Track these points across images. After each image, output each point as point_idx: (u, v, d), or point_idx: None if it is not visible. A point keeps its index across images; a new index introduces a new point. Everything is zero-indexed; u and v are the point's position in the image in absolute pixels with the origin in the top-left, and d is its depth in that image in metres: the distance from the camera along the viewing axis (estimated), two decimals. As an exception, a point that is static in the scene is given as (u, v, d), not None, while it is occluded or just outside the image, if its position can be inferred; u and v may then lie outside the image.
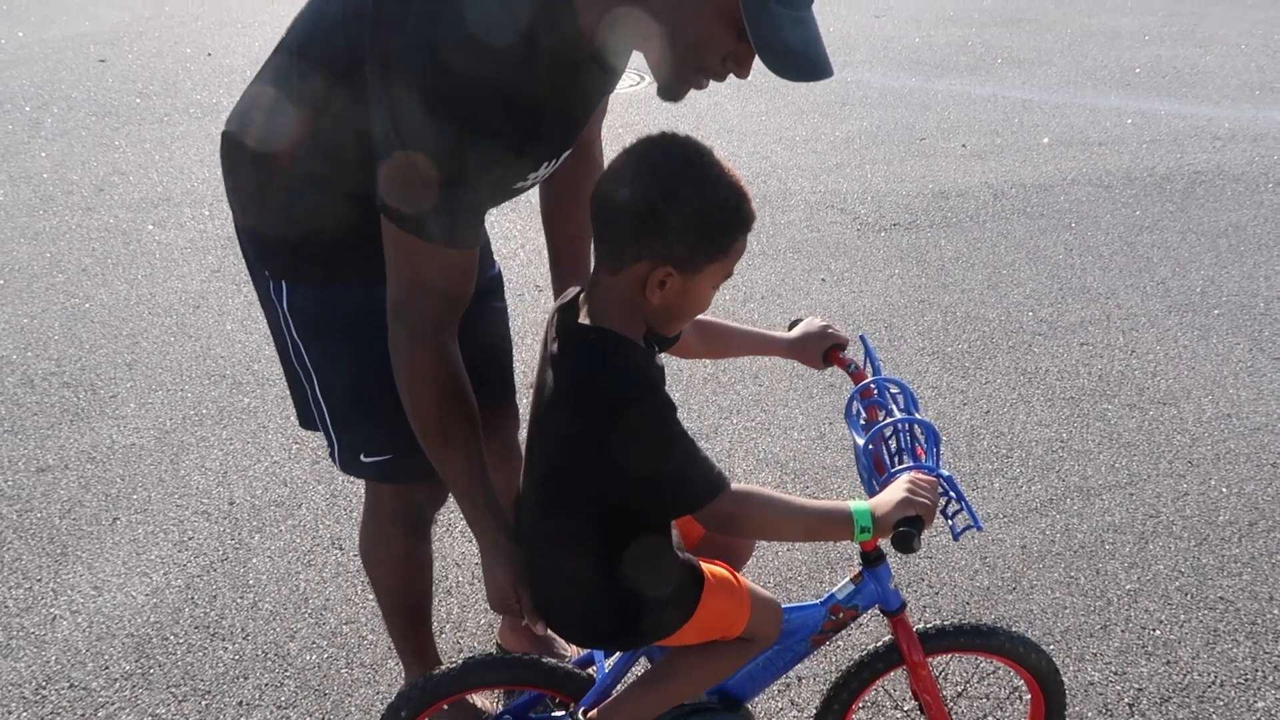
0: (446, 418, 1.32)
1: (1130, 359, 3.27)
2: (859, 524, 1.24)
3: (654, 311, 1.22)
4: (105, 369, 3.20)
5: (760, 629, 1.46)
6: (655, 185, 1.14)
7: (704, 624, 1.40)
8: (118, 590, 2.31)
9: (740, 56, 1.21)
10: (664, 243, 1.15)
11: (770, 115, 5.65)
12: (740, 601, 1.43)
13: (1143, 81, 6.31)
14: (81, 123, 5.50)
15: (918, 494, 1.26)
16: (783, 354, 1.63)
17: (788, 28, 1.15)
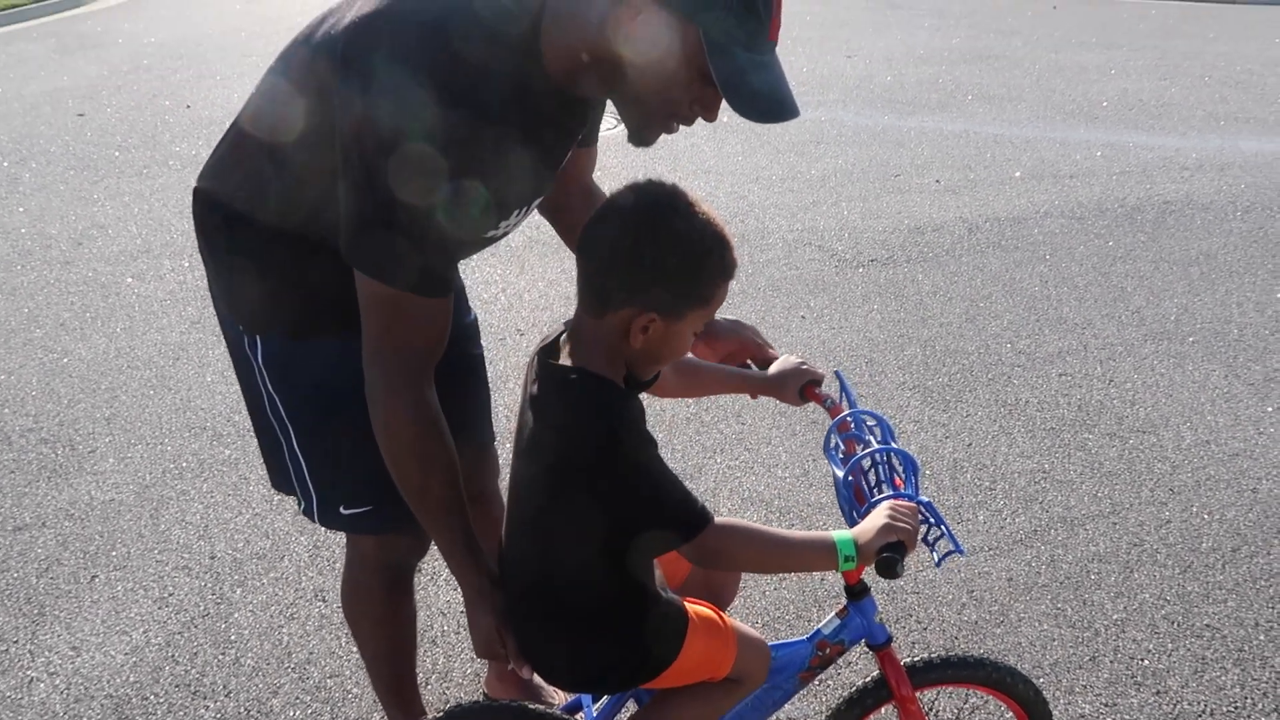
0: (426, 466, 1.32)
1: (1109, 388, 3.30)
2: (843, 553, 1.25)
3: (635, 355, 1.24)
4: (84, 424, 3.17)
5: (747, 669, 1.45)
6: (642, 233, 1.17)
7: (690, 665, 1.39)
8: (96, 650, 2.27)
9: (707, 101, 1.23)
10: (648, 291, 1.17)
11: (746, 155, 5.72)
12: (726, 642, 1.42)
13: (1110, 114, 6.43)
14: (60, 177, 5.50)
15: (898, 520, 1.27)
16: (759, 392, 1.64)
17: (752, 72, 1.17)
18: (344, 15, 1.25)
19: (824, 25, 9.32)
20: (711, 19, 1.14)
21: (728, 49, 1.15)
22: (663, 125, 1.27)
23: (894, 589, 2.40)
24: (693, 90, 1.21)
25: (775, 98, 1.19)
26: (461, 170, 1.19)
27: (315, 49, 1.27)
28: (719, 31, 1.14)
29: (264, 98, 1.35)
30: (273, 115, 1.32)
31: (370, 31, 1.20)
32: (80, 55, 8.53)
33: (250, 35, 9.16)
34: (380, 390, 1.28)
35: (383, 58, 1.18)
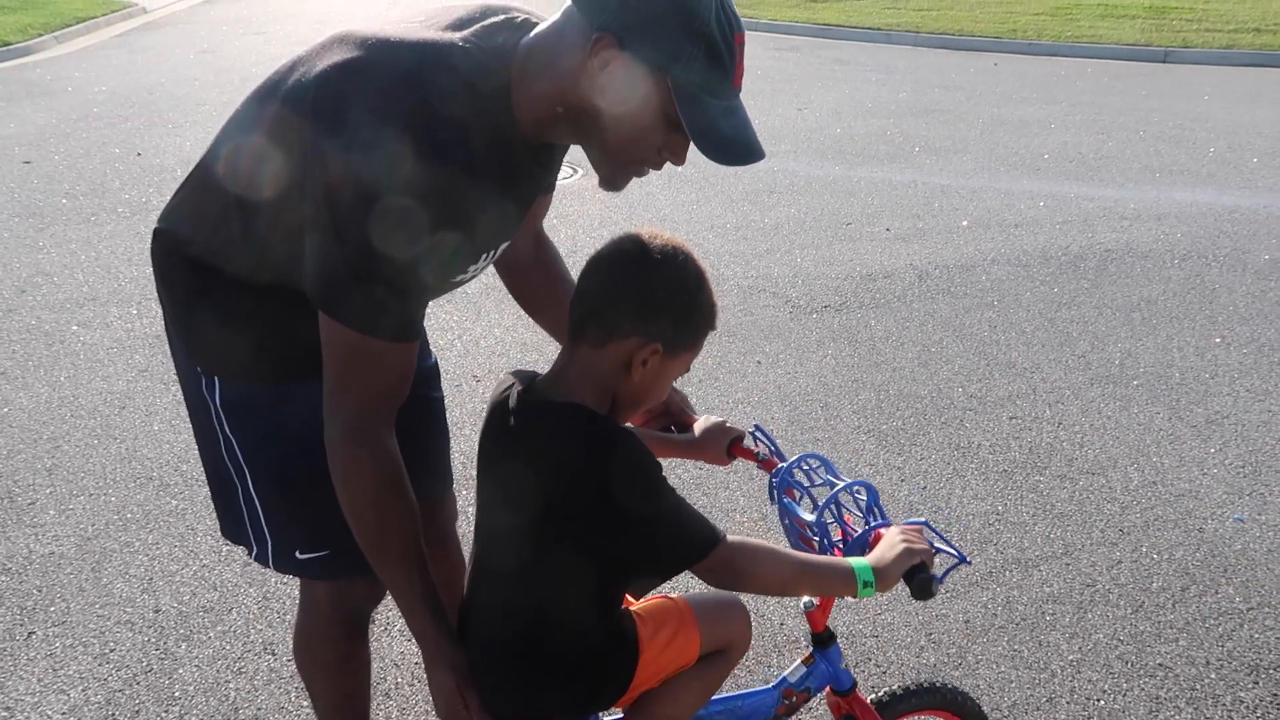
0: (385, 517, 1.29)
1: (1058, 431, 3.36)
2: (861, 578, 1.26)
3: (629, 390, 1.26)
4: (23, 475, 3.07)
5: (723, 637, 1.43)
6: (658, 268, 1.23)
7: (655, 667, 1.38)
8: (31, 710, 2.18)
9: (675, 146, 1.26)
10: (657, 321, 1.22)
11: (701, 204, 5.79)
12: (681, 624, 1.40)
13: (1051, 166, 6.64)
14: (4, 224, 5.39)
15: (914, 542, 1.29)
16: (683, 455, 1.67)
17: (720, 118, 1.21)
18: (314, 65, 1.25)
19: (774, 79, 9.54)
20: (680, 69, 1.17)
21: (696, 97, 1.19)
22: (633, 171, 1.31)
23: (853, 633, 2.40)
24: (661, 137, 1.24)
25: (742, 141, 1.23)
26: (437, 221, 1.19)
27: (285, 98, 1.26)
28: (687, 81, 1.18)
29: (230, 145, 1.34)
30: (239, 164, 1.31)
31: (343, 81, 1.20)
32: (28, 103, 8.42)
33: (204, 85, 9.12)
34: (341, 439, 1.26)
35: (357, 108, 1.18)
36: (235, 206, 1.31)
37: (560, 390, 1.26)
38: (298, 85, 1.25)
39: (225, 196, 1.32)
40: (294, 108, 1.24)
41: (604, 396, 1.27)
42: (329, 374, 1.26)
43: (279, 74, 1.32)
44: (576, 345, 1.26)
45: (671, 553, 1.21)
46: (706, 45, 1.17)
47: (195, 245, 1.37)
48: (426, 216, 1.18)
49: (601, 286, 1.25)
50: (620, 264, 1.25)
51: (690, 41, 1.16)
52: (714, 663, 1.44)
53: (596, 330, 1.24)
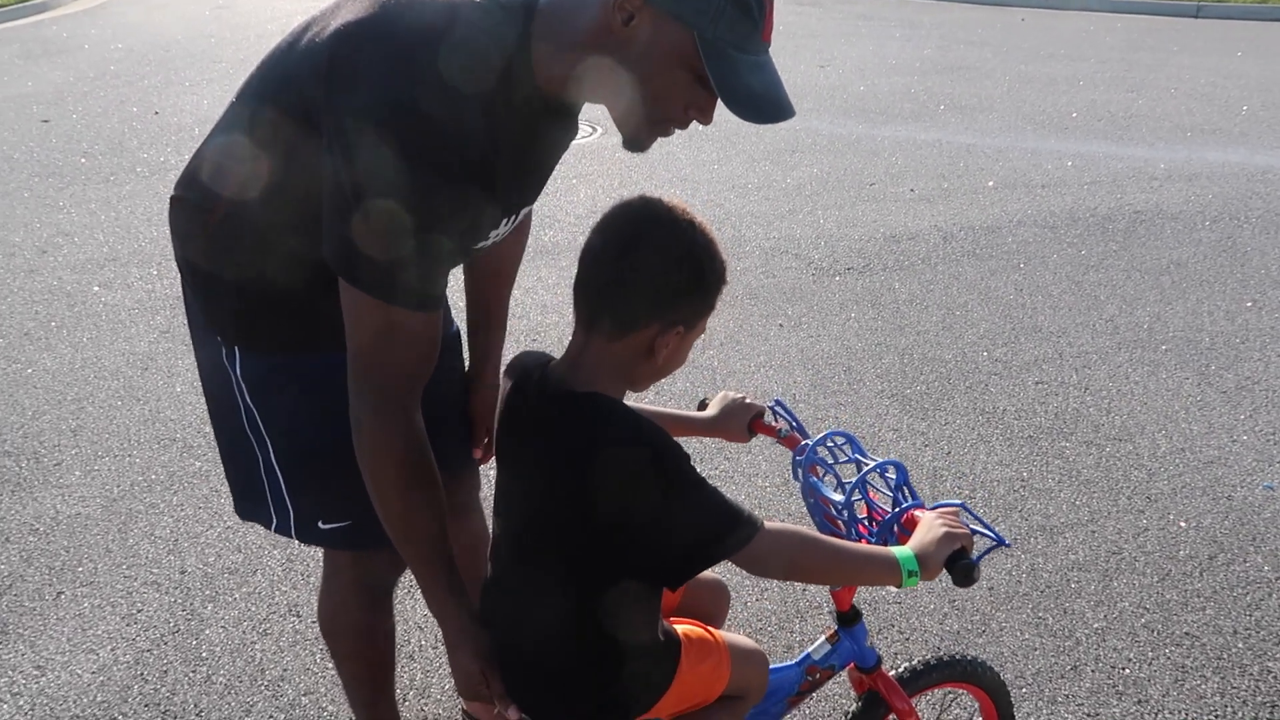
0: (410, 497, 1.27)
1: (1085, 396, 3.32)
2: (906, 568, 1.21)
3: (651, 370, 1.23)
4: (49, 436, 3.09)
5: (745, 685, 1.43)
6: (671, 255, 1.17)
7: (684, 691, 1.36)
8: (62, 669, 2.21)
9: (703, 104, 1.21)
10: (675, 308, 1.18)
11: (722, 164, 5.72)
12: (719, 661, 1.40)
13: (1080, 125, 6.51)
14: (24, 184, 5.39)
15: (954, 527, 1.25)
16: (703, 433, 1.63)
17: (748, 73, 1.16)
18: (328, 24, 1.21)
19: (796, 35, 9.37)
20: (706, 22, 1.12)
21: (723, 52, 1.14)
22: (658, 130, 1.25)
23: (875, 600, 2.40)
24: (688, 94, 1.19)
25: (771, 98, 1.18)
26: (458, 187, 1.16)
27: (299, 59, 1.22)
28: (714, 35, 1.13)
29: (246, 110, 1.31)
30: (255, 129, 1.28)
31: (357, 42, 1.16)
32: (45, 61, 8.39)
33: (219, 41, 9.06)
34: (366, 415, 1.24)
35: (372, 70, 1.14)
36: (250, 171, 1.28)
37: (580, 379, 1.21)
38: (311, 46, 1.22)
39: (241, 161, 1.29)
40: (309, 70, 1.20)
41: (623, 379, 1.24)
42: (353, 348, 1.23)
43: (293, 35, 1.28)
44: (590, 335, 1.21)
45: (708, 543, 1.16)
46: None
47: (213, 213, 1.34)
48: (447, 183, 1.15)
49: (610, 281, 1.18)
50: (624, 254, 1.18)
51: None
52: (730, 706, 1.44)
53: (613, 325, 1.19)
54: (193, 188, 1.38)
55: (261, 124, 1.28)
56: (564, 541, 1.21)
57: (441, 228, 1.18)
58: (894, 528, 1.31)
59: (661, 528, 1.14)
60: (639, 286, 1.17)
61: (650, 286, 1.17)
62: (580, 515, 1.17)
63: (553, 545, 1.23)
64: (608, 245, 1.19)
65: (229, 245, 1.34)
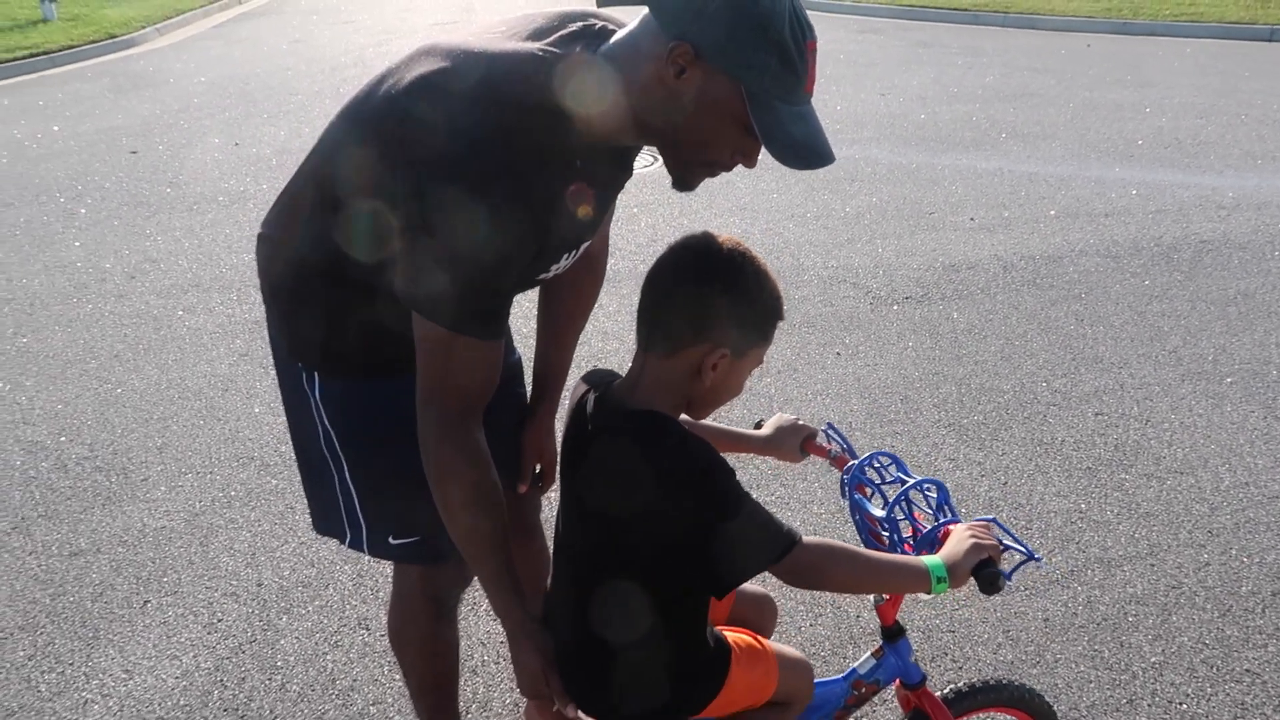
0: (476, 510, 1.37)
1: (1145, 428, 3.29)
2: (935, 574, 1.29)
3: (702, 393, 1.31)
4: (137, 453, 3.27)
5: (792, 692, 1.50)
6: (720, 282, 1.26)
7: (733, 696, 1.43)
8: (148, 673, 2.34)
9: (748, 150, 1.31)
10: (722, 329, 1.26)
11: (781, 193, 5.78)
12: (768, 669, 1.47)
13: (1146, 153, 6.43)
14: (114, 212, 5.68)
15: (982, 538, 1.33)
16: (758, 451, 1.71)
17: (791, 123, 1.25)
18: (403, 76, 1.32)
19: (857, 64, 9.41)
20: (754, 77, 1.21)
21: (769, 103, 1.23)
22: (705, 172, 1.36)
23: (930, 628, 2.42)
24: (734, 141, 1.28)
25: (813, 146, 1.26)
26: (523, 226, 1.26)
27: (376, 109, 1.33)
28: (760, 87, 1.22)
29: (325, 157, 1.42)
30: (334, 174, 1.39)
31: (431, 92, 1.27)
32: (134, 94, 8.81)
33: (295, 74, 9.41)
34: (433, 433, 1.34)
35: (445, 118, 1.24)
36: (331, 213, 1.39)
37: (637, 398, 1.31)
38: (388, 97, 1.32)
39: (322, 204, 1.41)
40: (381, 120, 1.31)
41: (679, 400, 1.32)
42: (422, 373, 1.33)
43: (369, 86, 1.39)
44: (646, 355, 1.31)
45: (750, 556, 1.25)
46: (780, 53, 1.21)
47: (293, 249, 1.46)
48: (513, 222, 1.25)
49: (662, 301, 1.29)
50: (677, 277, 1.28)
51: (764, 50, 1.20)
52: (777, 712, 1.50)
53: (663, 343, 1.29)
54: (277, 225, 1.50)
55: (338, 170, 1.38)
56: (617, 552, 1.30)
57: (506, 264, 1.28)
58: (933, 542, 1.37)
59: (708, 540, 1.23)
60: (685, 305, 1.27)
61: (695, 306, 1.27)
62: (632, 528, 1.26)
63: (607, 556, 1.32)
64: (663, 269, 1.30)
65: (306, 280, 1.46)
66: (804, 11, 1.24)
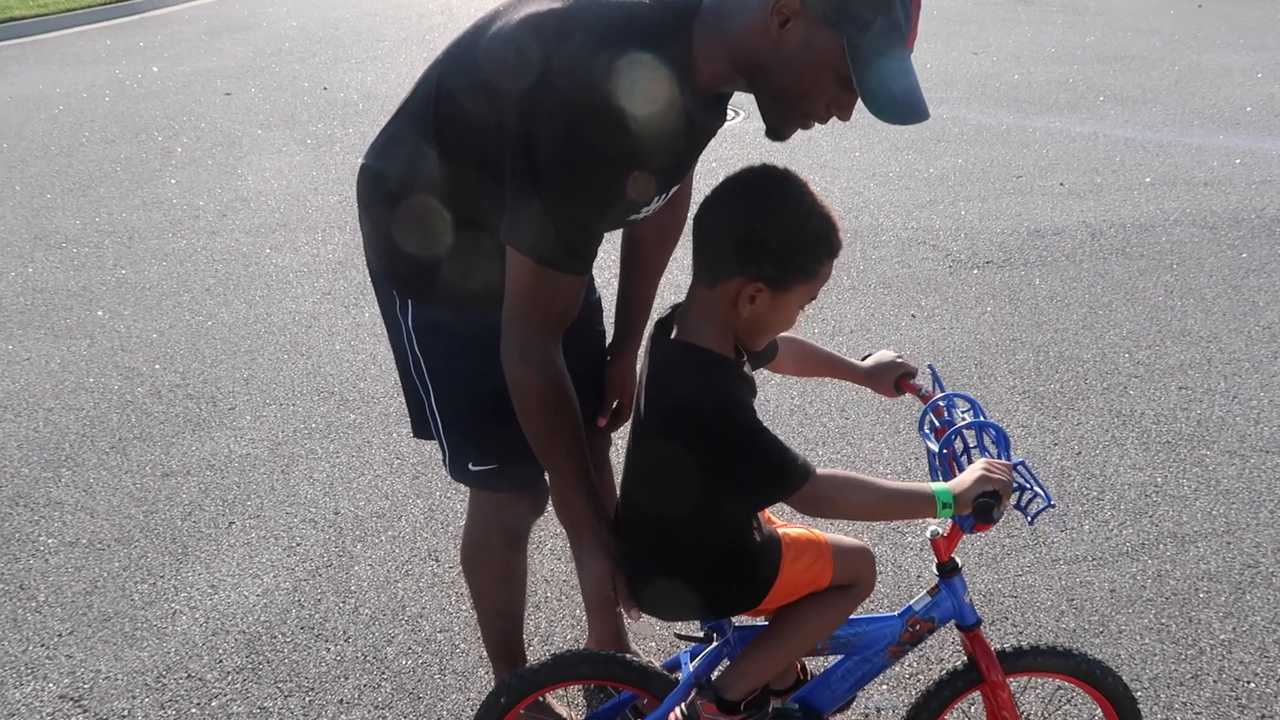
0: (552, 416, 1.43)
1: (1231, 404, 3.19)
2: (940, 500, 1.34)
3: (743, 324, 1.34)
4: (225, 383, 3.41)
5: (852, 573, 1.54)
6: (755, 210, 1.28)
7: (791, 584, 1.49)
8: (232, 590, 2.47)
9: (844, 103, 1.31)
10: (758, 262, 1.28)
11: (864, 151, 5.68)
12: (822, 554, 1.51)
13: (1254, 120, 6.13)
14: (208, 152, 5.87)
15: (993, 472, 1.36)
16: (859, 380, 1.74)
17: (890, 78, 1.25)
18: (513, 16, 1.35)
19: (951, 21, 9.12)
20: (856, 29, 1.22)
21: (869, 57, 1.23)
22: (800, 123, 1.37)
23: (991, 591, 2.41)
24: (831, 93, 1.29)
25: (910, 103, 1.27)
26: (622, 168, 1.30)
27: (486, 47, 1.37)
28: (862, 41, 1.22)
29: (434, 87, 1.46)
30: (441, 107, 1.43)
31: (540, 34, 1.30)
32: (228, 37, 9.03)
33: (383, 20, 9.53)
34: (515, 350, 1.40)
35: (553, 60, 1.27)
36: (434, 146, 1.43)
37: (685, 326, 1.36)
38: (496, 36, 1.35)
39: (425, 137, 1.45)
40: (492, 58, 1.34)
41: (724, 331, 1.35)
42: (510, 297, 1.39)
43: (479, 24, 1.42)
44: (696, 285, 1.35)
45: (766, 485, 1.32)
46: (885, 7, 1.21)
47: (395, 180, 1.51)
48: (613, 164, 1.29)
49: (708, 229, 1.31)
50: (723, 206, 1.30)
51: (868, 4, 1.21)
52: (843, 594, 1.54)
53: (706, 272, 1.32)
54: (380, 157, 1.55)
55: (444, 105, 1.42)
56: (664, 467, 1.38)
57: (601, 205, 1.33)
58: None
59: (728, 468, 1.30)
60: (725, 233, 1.29)
61: (733, 234, 1.28)
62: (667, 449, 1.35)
63: (659, 470, 1.40)
64: (714, 196, 1.32)
65: (406, 213, 1.51)
66: None
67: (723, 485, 1.34)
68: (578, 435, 1.45)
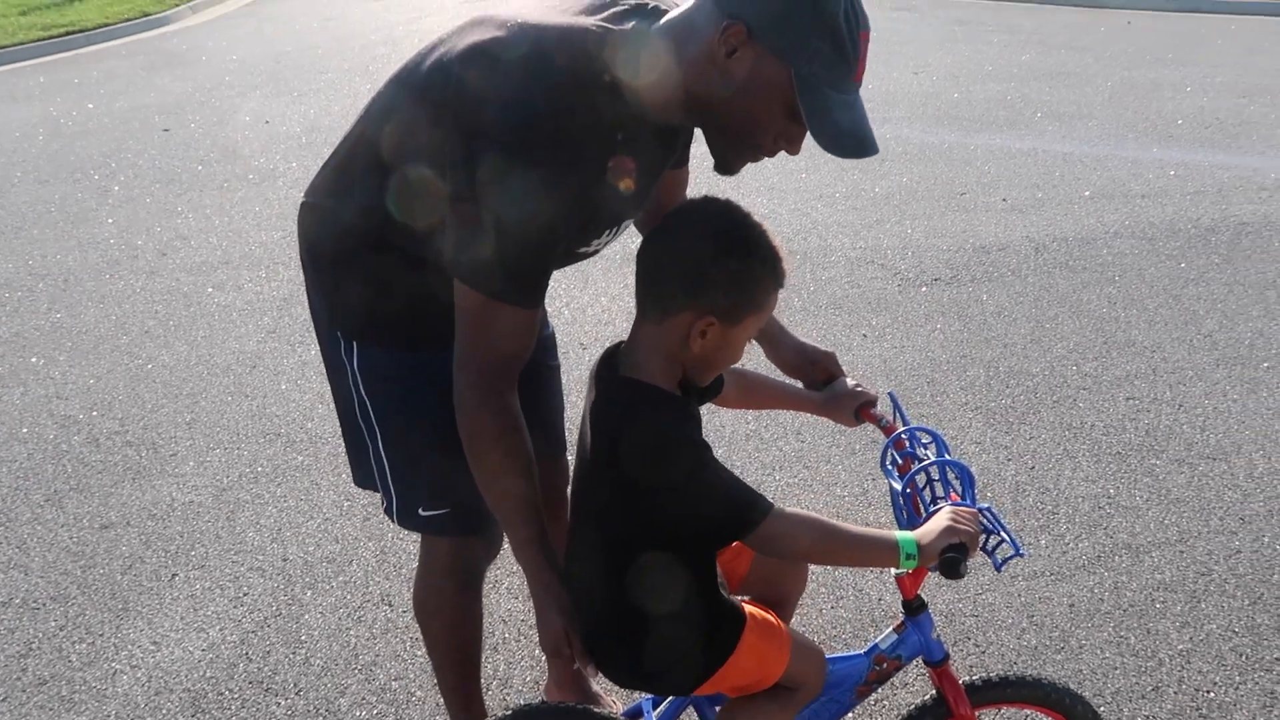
0: (506, 465, 1.38)
1: (1178, 413, 3.24)
2: (904, 551, 1.30)
3: (694, 360, 1.32)
4: (166, 428, 3.31)
5: (803, 676, 1.49)
6: (706, 244, 1.26)
7: (744, 665, 1.44)
8: (175, 645, 2.37)
9: (792, 135, 1.31)
10: (709, 296, 1.25)
11: (810, 173, 5.73)
12: (780, 644, 1.47)
13: (1185, 133, 6.29)
14: (146, 190, 5.74)
15: (960, 523, 1.32)
16: (815, 410, 1.71)
17: (838, 111, 1.25)
18: (455, 45, 1.32)
19: (890, 42, 9.27)
20: (805, 61, 1.21)
21: (817, 89, 1.22)
22: (748, 155, 1.36)
23: (952, 612, 2.40)
24: (779, 125, 1.28)
25: (858, 135, 1.26)
26: (568, 199, 1.26)
27: (427, 77, 1.34)
28: (810, 73, 1.22)
29: (374, 124, 1.43)
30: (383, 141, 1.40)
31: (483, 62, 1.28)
32: (166, 73, 8.88)
33: (327, 53, 9.44)
34: (467, 393, 1.36)
35: (497, 88, 1.25)
36: (377, 181, 1.40)
37: (629, 364, 1.33)
38: (438, 65, 1.33)
39: (368, 172, 1.42)
40: (434, 87, 1.32)
41: (672, 366, 1.33)
42: (460, 336, 1.35)
43: (420, 54, 1.40)
44: (642, 321, 1.33)
45: (725, 524, 1.27)
46: (833, 39, 1.21)
47: (338, 216, 1.47)
48: (558, 195, 1.26)
49: (654, 265, 1.29)
50: (669, 240, 1.29)
51: (817, 35, 1.20)
52: (786, 697, 1.50)
53: (654, 309, 1.30)
54: (322, 193, 1.51)
55: (387, 138, 1.39)
56: (609, 513, 1.34)
57: (551, 235, 1.29)
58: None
59: (681, 510, 1.26)
60: (674, 268, 1.27)
61: (680, 269, 1.26)
62: (617, 492, 1.31)
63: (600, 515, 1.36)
64: (656, 233, 1.30)
65: (349, 249, 1.47)
66: (860, 1, 1.24)
67: (678, 527, 1.30)
68: (531, 482, 1.40)
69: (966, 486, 1.41)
